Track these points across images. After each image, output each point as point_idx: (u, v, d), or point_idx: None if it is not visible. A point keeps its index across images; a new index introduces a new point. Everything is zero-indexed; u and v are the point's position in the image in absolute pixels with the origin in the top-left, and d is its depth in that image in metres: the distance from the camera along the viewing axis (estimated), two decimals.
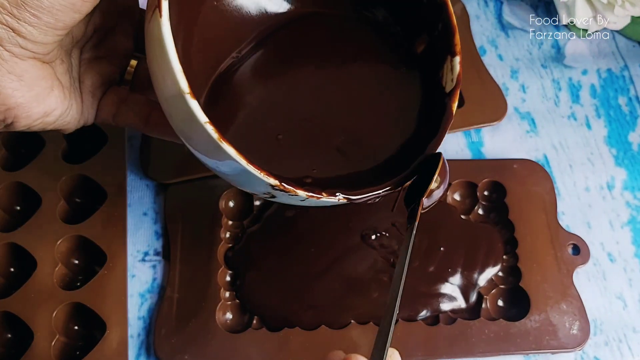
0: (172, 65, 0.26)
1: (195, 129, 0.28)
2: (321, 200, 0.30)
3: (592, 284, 0.44)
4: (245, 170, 0.28)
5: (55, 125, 0.32)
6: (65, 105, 0.31)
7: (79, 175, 0.45)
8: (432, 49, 0.36)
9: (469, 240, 0.44)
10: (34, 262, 0.42)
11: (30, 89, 0.29)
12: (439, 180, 0.36)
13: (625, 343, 0.42)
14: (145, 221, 0.45)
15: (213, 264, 0.43)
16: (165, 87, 0.28)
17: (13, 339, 0.43)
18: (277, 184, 0.29)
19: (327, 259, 0.43)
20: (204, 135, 0.27)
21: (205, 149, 0.29)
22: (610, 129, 0.49)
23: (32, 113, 0.30)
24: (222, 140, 0.27)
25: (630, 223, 0.46)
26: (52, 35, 0.28)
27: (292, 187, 0.29)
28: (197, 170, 0.46)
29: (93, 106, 0.34)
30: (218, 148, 0.28)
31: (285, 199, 0.31)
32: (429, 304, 0.42)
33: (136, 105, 0.35)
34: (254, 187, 0.31)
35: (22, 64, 0.28)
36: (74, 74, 0.33)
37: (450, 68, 0.34)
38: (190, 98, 0.27)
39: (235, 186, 0.33)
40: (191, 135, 0.30)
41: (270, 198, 0.31)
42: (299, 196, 0.30)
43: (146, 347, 0.42)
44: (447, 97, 0.34)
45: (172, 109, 0.29)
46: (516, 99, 0.50)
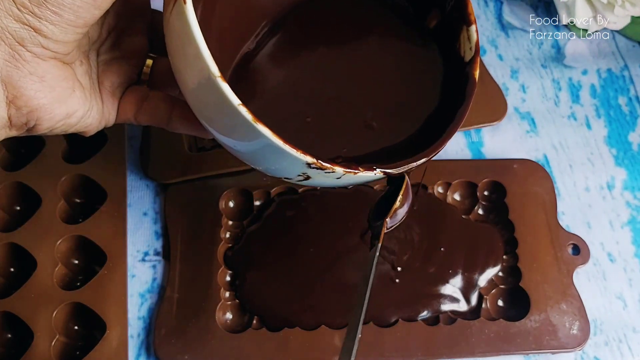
0: (201, 50, 0.26)
1: (227, 113, 0.27)
2: (358, 175, 0.30)
3: (592, 284, 0.44)
4: (282, 151, 0.28)
5: (77, 127, 0.32)
6: (87, 107, 0.31)
7: (79, 175, 0.45)
8: (445, 23, 0.36)
9: (469, 240, 0.44)
10: (34, 262, 0.42)
11: (52, 90, 0.29)
12: (401, 200, 0.36)
13: (625, 343, 0.42)
14: (145, 221, 0.45)
15: (213, 264, 0.43)
16: (192, 75, 0.28)
17: (13, 339, 0.43)
18: (315, 161, 0.28)
19: (327, 259, 0.43)
20: (238, 119, 0.27)
21: (239, 133, 0.29)
22: (610, 129, 0.49)
23: (54, 115, 0.30)
24: (257, 122, 0.27)
25: (630, 223, 0.46)
26: (72, 34, 0.28)
27: (329, 164, 0.29)
28: (197, 170, 0.46)
29: (114, 107, 0.34)
30: (253, 131, 0.27)
31: (320, 179, 0.30)
32: (430, 304, 0.42)
33: (158, 102, 0.35)
34: (289, 169, 0.30)
35: (43, 65, 0.28)
36: (93, 76, 0.33)
37: (467, 37, 0.34)
38: (222, 81, 0.26)
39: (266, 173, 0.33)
40: (222, 122, 0.29)
41: (304, 180, 0.31)
42: (336, 173, 0.29)
43: (146, 347, 0.42)
44: (467, 66, 0.34)
45: (201, 96, 0.28)
46: (516, 99, 0.50)
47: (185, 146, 0.46)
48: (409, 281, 0.43)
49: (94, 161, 0.45)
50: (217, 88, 0.26)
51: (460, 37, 0.34)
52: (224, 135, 0.30)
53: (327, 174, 0.29)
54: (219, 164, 0.46)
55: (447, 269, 0.43)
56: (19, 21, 0.26)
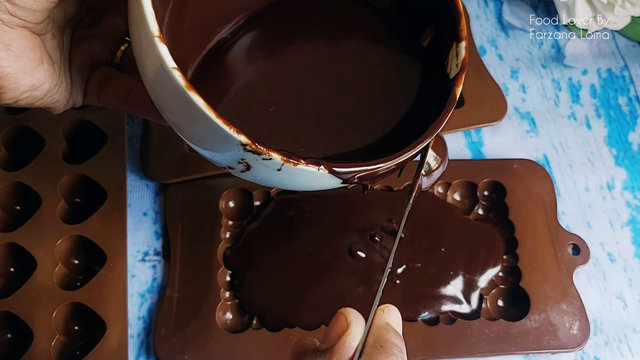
0: (144, 7, 0.25)
1: (163, 79, 0.26)
2: (299, 168, 0.28)
3: (592, 284, 0.44)
4: (214, 126, 0.26)
5: (43, 101, 0.31)
6: (55, 81, 0.31)
7: (79, 175, 0.45)
8: (437, 40, 0.35)
9: (470, 240, 0.44)
10: (34, 262, 0.42)
11: (19, 59, 0.28)
12: (438, 160, 0.36)
13: (625, 343, 0.42)
14: (145, 221, 0.45)
15: (213, 264, 0.43)
16: (140, 41, 0.27)
17: (13, 339, 0.43)
18: (249, 142, 0.26)
19: (327, 259, 0.43)
20: (172, 86, 0.26)
21: (176, 107, 0.27)
22: (610, 129, 0.49)
23: (19, 85, 0.29)
24: (190, 90, 0.25)
25: (630, 223, 0.46)
26: (42, 2, 0.27)
27: (265, 148, 0.27)
28: (197, 170, 0.46)
29: (81, 86, 0.33)
30: (186, 99, 0.26)
31: (260, 169, 0.28)
32: (430, 305, 0.42)
33: (120, 83, 0.34)
34: (226, 153, 0.28)
35: (10, 33, 0.28)
36: (65, 52, 0.32)
37: (456, 54, 0.33)
38: (159, 42, 0.25)
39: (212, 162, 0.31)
40: (162, 93, 0.28)
41: (246, 170, 0.29)
42: (274, 161, 0.27)
43: (146, 347, 0.42)
44: (451, 82, 0.33)
45: (146, 63, 0.27)
46: (516, 99, 0.50)
47: (185, 146, 0.46)
48: (409, 282, 0.43)
49: (94, 161, 0.45)
50: (155, 49, 0.25)
51: (449, 53, 0.34)
52: (168, 114, 0.29)
53: (265, 162, 0.27)
54: None
55: (448, 270, 0.43)
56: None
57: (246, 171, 0.29)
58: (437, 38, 0.35)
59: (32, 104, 0.31)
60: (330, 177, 0.29)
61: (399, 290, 0.42)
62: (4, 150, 0.47)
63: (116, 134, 0.46)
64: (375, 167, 0.30)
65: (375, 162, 0.30)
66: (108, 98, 0.34)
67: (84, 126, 0.47)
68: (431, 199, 0.45)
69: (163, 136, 0.47)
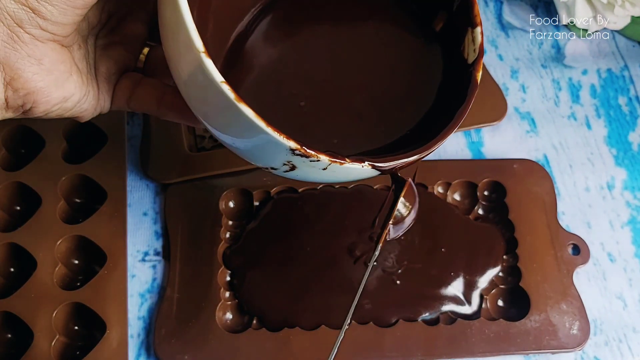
0: (187, 26, 0.26)
1: (211, 92, 0.26)
2: (345, 167, 0.29)
3: (592, 284, 0.44)
4: (265, 134, 0.27)
5: (73, 112, 0.31)
6: (83, 91, 0.31)
7: (79, 175, 0.45)
8: (451, 25, 0.35)
9: (470, 240, 0.44)
10: (34, 262, 0.42)
11: (50, 73, 0.29)
12: (409, 207, 0.37)
13: (625, 343, 0.42)
14: (145, 221, 0.45)
15: (213, 264, 0.43)
16: (179, 55, 0.27)
17: (13, 339, 0.43)
18: (298, 147, 0.27)
19: (326, 259, 0.43)
20: (220, 98, 0.26)
21: (223, 116, 0.28)
22: (610, 129, 0.49)
23: (51, 98, 0.29)
24: (240, 102, 0.26)
25: (630, 223, 0.46)
26: (71, 15, 0.28)
27: (314, 152, 0.27)
28: (197, 170, 0.46)
29: (109, 93, 0.34)
30: (236, 111, 0.26)
31: (306, 169, 0.29)
32: (431, 306, 0.42)
33: (149, 88, 0.34)
34: (273, 157, 0.29)
35: (41, 47, 0.28)
36: (90, 61, 0.33)
37: (472, 39, 0.34)
38: (206, 57, 0.26)
39: (253, 163, 0.32)
40: (207, 104, 0.28)
41: (291, 171, 0.30)
42: (321, 162, 0.28)
43: (146, 347, 0.42)
44: (471, 67, 0.33)
45: (187, 77, 0.28)
46: (516, 99, 0.50)
47: (185, 146, 0.46)
48: (410, 283, 0.43)
49: (94, 161, 0.45)
50: (200, 64, 0.26)
51: (465, 39, 0.34)
52: (211, 120, 0.30)
53: (312, 163, 0.28)
54: (219, 164, 0.46)
55: (448, 270, 0.43)
56: (17, 2, 0.26)
57: (290, 171, 0.30)
58: (450, 24, 0.35)
59: (62, 115, 0.31)
60: (371, 171, 0.30)
61: (400, 291, 0.42)
62: (4, 150, 0.47)
63: (116, 134, 0.46)
64: (414, 158, 0.31)
65: (413, 154, 0.31)
66: (139, 103, 0.34)
67: (84, 126, 0.47)
68: (431, 199, 0.45)
69: (163, 136, 0.47)
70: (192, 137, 0.47)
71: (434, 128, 0.32)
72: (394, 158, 0.31)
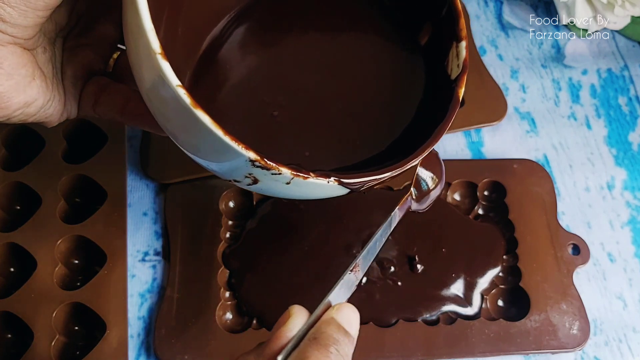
0: (144, 25, 0.24)
1: (168, 98, 0.25)
2: (309, 181, 0.27)
3: (592, 284, 0.44)
4: (221, 143, 0.25)
5: (36, 117, 0.30)
6: (48, 97, 0.30)
7: (79, 175, 0.45)
8: (436, 38, 0.34)
9: (470, 240, 0.44)
10: (34, 262, 0.42)
11: (10, 78, 0.28)
12: (436, 181, 0.35)
13: (625, 343, 0.42)
14: (145, 221, 0.45)
15: (213, 264, 0.43)
16: (139, 57, 0.26)
17: (13, 339, 0.43)
18: (258, 158, 0.26)
19: (324, 258, 0.43)
20: (176, 103, 0.25)
21: (181, 124, 0.26)
22: (610, 129, 0.49)
23: (11, 103, 0.28)
24: (196, 107, 0.24)
25: (630, 223, 0.46)
26: (32, 17, 0.27)
27: (274, 164, 0.26)
28: (197, 170, 0.46)
29: (75, 98, 0.33)
30: (191, 116, 0.25)
31: (268, 182, 0.28)
32: (432, 306, 0.42)
33: (115, 94, 0.33)
34: (234, 168, 0.28)
35: (1, 51, 0.27)
36: (57, 65, 0.31)
37: (456, 54, 0.32)
38: (161, 58, 0.24)
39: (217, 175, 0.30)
40: (166, 111, 0.27)
41: (254, 184, 0.28)
42: (283, 176, 0.26)
43: (146, 347, 0.42)
44: (453, 83, 0.32)
45: (147, 81, 0.26)
46: (516, 99, 0.50)
47: None
48: (410, 283, 0.42)
49: (94, 161, 0.45)
50: (157, 65, 0.24)
51: (449, 53, 0.33)
52: (170, 127, 0.28)
53: (274, 177, 0.27)
54: None
55: (449, 271, 0.43)
56: None
57: (253, 184, 0.28)
58: (436, 37, 0.34)
59: (25, 121, 0.30)
60: (339, 188, 0.29)
61: (401, 292, 0.42)
62: (4, 150, 0.47)
63: (116, 134, 0.46)
64: (383, 176, 0.29)
65: (383, 171, 0.29)
66: (104, 110, 0.33)
67: (84, 126, 0.47)
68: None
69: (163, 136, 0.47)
70: None
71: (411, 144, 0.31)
72: (362, 175, 0.29)
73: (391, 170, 0.29)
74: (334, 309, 0.29)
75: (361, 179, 0.29)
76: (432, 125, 0.31)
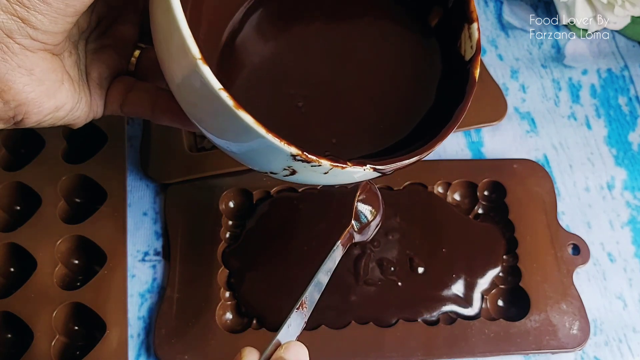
0: (182, 31, 0.25)
1: (208, 99, 0.26)
2: (347, 171, 0.28)
3: (592, 284, 0.44)
4: (264, 140, 0.26)
5: (65, 120, 0.31)
6: (76, 99, 0.31)
7: (79, 175, 0.45)
8: (447, 21, 0.35)
9: (470, 240, 0.44)
10: (34, 262, 0.42)
11: (41, 83, 0.28)
12: (374, 213, 0.37)
13: (625, 343, 0.42)
14: (145, 221, 0.45)
15: (213, 264, 0.43)
16: (173, 60, 0.27)
17: (13, 339, 0.43)
18: (299, 152, 0.26)
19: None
20: (218, 105, 0.25)
21: (220, 122, 0.27)
22: (610, 129, 0.49)
23: (43, 108, 0.29)
24: (239, 109, 0.25)
25: (630, 223, 0.46)
26: (62, 23, 0.27)
27: (315, 157, 0.27)
28: (197, 170, 0.46)
29: (101, 98, 0.33)
30: (234, 118, 0.25)
31: (307, 174, 0.29)
32: (432, 307, 0.42)
33: (142, 92, 0.33)
34: (274, 162, 0.28)
35: (32, 57, 0.27)
36: (82, 67, 0.32)
37: (469, 35, 0.33)
38: (202, 64, 0.25)
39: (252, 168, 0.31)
40: (203, 110, 0.28)
41: (291, 175, 0.29)
42: (323, 167, 0.27)
43: (146, 347, 0.42)
44: (468, 64, 0.33)
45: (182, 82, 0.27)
46: (516, 99, 0.50)
47: (185, 146, 0.46)
48: (411, 283, 0.42)
49: (94, 161, 0.45)
50: (198, 71, 0.25)
51: (461, 35, 0.34)
52: (207, 125, 0.29)
53: (313, 168, 0.28)
54: (219, 164, 0.46)
55: (449, 271, 0.43)
56: (6, 12, 0.25)
57: (290, 175, 0.29)
58: (446, 20, 0.35)
59: (55, 124, 0.31)
60: (373, 174, 0.30)
61: (401, 293, 0.42)
62: (4, 150, 0.47)
63: (116, 134, 0.46)
64: (414, 159, 0.30)
65: (413, 155, 0.30)
66: (133, 108, 0.34)
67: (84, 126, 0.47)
68: (431, 198, 0.45)
69: (163, 136, 0.47)
70: (192, 137, 0.47)
71: (433, 127, 0.32)
72: (394, 160, 0.30)
73: (420, 154, 0.30)
74: (283, 347, 0.30)
75: (394, 164, 0.30)
76: (451, 107, 0.32)
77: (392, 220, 0.44)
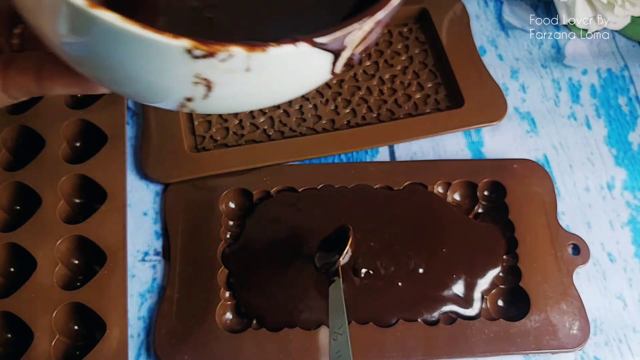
0: None
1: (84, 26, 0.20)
2: (271, 54, 0.21)
3: (592, 284, 0.44)
4: (144, 41, 0.20)
5: None
6: None
7: (79, 175, 0.45)
8: None
9: (470, 240, 0.44)
10: (34, 262, 0.42)
11: None
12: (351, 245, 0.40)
13: (625, 343, 0.42)
14: (145, 221, 0.45)
15: (213, 264, 0.43)
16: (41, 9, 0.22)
17: (13, 339, 0.43)
18: (195, 43, 0.20)
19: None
20: (69, 9, 0.20)
21: (94, 44, 0.21)
22: (610, 129, 0.49)
23: None
24: (96, 7, 0.20)
25: (630, 223, 0.46)
26: None
27: (218, 45, 0.20)
28: (197, 170, 0.46)
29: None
30: (90, 21, 0.20)
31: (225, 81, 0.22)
32: (432, 307, 0.42)
33: (24, 64, 0.28)
34: (174, 75, 0.22)
35: None
36: None
37: None
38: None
39: (161, 103, 0.24)
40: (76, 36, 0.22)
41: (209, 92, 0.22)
42: (236, 57, 0.21)
43: (146, 347, 0.42)
44: None
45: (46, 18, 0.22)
46: (516, 99, 0.50)
47: (185, 146, 0.46)
48: (411, 283, 0.42)
49: (94, 161, 0.45)
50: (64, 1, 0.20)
51: None
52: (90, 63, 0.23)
53: (226, 65, 0.21)
54: (219, 164, 0.46)
55: (450, 271, 0.43)
56: None
57: (210, 92, 0.23)
58: None
59: None
60: (315, 57, 0.23)
61: (401, 293, 0.42)
62: (4, 150, 0.47)
63: (116, 134, 0.46)
64: (368, 22, 0.23)
65: (363, 17, 0.23)
66: (16, 85, 0.28)
67: (84, 126, 0.47)
68: (431, 198, 0.45)
69: (163, 136, 0.47)
70: (192, 137, 0.47)
71: None
72: (338, 27, 0.23)
73: (372, 14, 0.23)
74: None
75: (338, 32, 0.23)
76: None
77: (392, 221, 0.44)
